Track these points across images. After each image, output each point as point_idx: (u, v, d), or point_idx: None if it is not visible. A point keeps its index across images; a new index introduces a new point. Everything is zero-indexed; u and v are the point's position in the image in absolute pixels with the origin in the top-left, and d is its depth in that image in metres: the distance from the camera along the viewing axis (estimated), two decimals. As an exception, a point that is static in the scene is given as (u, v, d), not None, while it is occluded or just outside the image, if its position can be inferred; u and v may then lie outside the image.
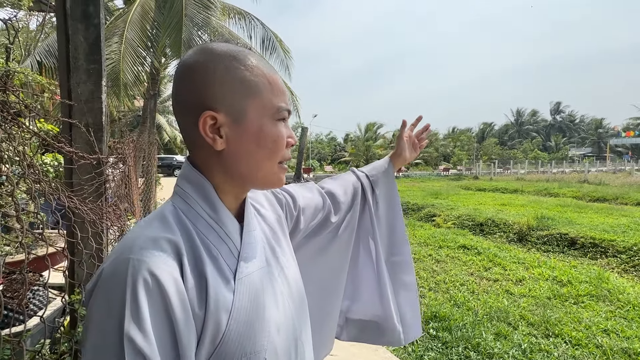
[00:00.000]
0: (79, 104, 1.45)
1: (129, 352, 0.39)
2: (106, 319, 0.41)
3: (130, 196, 4.01)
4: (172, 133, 27.68)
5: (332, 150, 51.26)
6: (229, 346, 0.49)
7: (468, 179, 24.59)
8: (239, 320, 0.50)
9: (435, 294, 3.82)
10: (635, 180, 17.75)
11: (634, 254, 5.20)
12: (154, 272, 0.43)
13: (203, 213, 0.53)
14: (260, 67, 0.55)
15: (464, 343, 2.74)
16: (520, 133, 70.60)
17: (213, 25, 6.57)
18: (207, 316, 0.47)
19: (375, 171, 1.03)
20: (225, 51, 0.53)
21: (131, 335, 0.40)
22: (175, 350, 0.43)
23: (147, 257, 0.43)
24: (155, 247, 0.45)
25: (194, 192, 0.54)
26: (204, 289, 0.48)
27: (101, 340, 0.41)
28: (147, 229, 0.48)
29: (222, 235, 0.54)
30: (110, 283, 0.43)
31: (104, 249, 1.36)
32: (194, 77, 0.51)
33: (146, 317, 0.41)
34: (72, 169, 1.36)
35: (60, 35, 1.48)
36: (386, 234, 1.03)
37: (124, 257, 0.44)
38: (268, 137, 0.54)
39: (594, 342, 2.80)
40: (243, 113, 0.52)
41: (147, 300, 0.42)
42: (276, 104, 0.55)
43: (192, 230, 0.51)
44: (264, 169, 0.55)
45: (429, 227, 7.55)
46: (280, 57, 9.38)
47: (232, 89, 0.51)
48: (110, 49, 5.89)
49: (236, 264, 0.53)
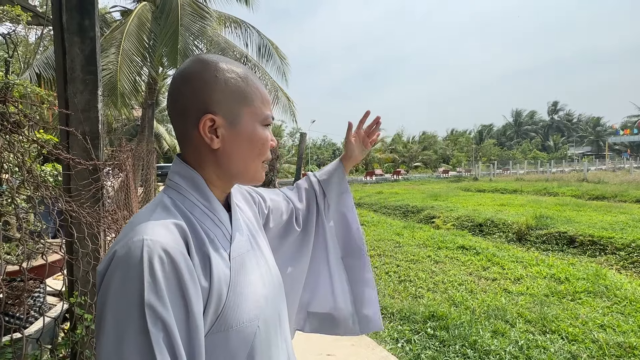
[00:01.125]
0: (76, 113, 1.50)
1: (150, 319, 0.45)
2: (126, 293, 0.46)
3: (129, 205, 4.05)
4: (171, 142, 27.78)
5: (331, 155, 51.39)
6: (228, 315, 0.56)
7: (467, 180, 24.63)
8: (236, 292, 0.58)
9: (433, 294, 3.84)
10: (634, 178, 17.78)
11: (632, 251, 5.23)
12: (167, 249, 0.49)
13: (198, 203, 0.60)
14: (253, 79, 0.64)
15: (461, 341, 2.77)
16: (519, 134, 70.77)
17: (209, 35, 6.66)
18: (211, 288, 0.54)
19: (326, 175, 1.08)
20: (223, 63, 0.61)
21: (152, 304, 0.45)
22: (187, 317, 0.49)
23: (160, 237, 0.49)
24: (165, 229, 0.52)
25: (187, 185, 0.61)
26: (208, 265, 0.55)
27: (122, 312, 0.45)
28: (153, 215, 0.54)
29: (216, 221, 0.61)
30: (127, 261, 0.47)
31: (100, 249, 1.40)
32: (195, 84, 0.59)
33: (163, 288, 0.46)
34: (69, 175, 1.41)
35: (57, 48, 1.54)
36: (341, 233, 1.07)
37: (137, 239, 0.49)
38: (258, 139, 0.63)
39: (590, 337, 2.82)
40: (238, 118, 0.61)
41: (162, 274, 0.47)
42: (264, 112, 0.64)
43: (190, 217, 0.58)
44: (252, 167, 0.64)
45: (429, 229, 7.58)
46: (276, 64, 9.49)
47: (230, 97, 0.60)
48: (108, 59, 5.97)
49: (229, 246, 0.61)
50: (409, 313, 3.30)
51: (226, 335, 0.56)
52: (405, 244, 6.11)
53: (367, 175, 29.67)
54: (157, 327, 0.45)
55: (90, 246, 1.36)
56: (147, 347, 0.44)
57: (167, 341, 0.46)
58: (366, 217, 9.03)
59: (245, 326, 0.57)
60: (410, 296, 3.81)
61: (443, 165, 44.34)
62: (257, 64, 8.99)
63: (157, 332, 0.45)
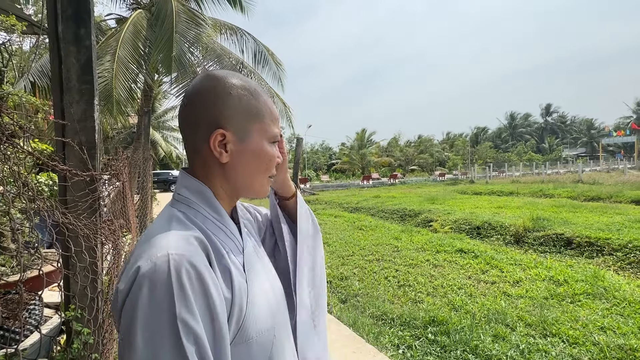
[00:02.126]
0: (72, 123, 1.48)
1: (183, 333, 0.45)
2: (156, 308, 0.46)
3: (126, 213, 4.02)
4: (167, 148, 27.70)
5: (328, 159, 51.45)
6: (249, 326, 0.57)
7: (464, 183, 24.73)
8: (254, 303, 0.59)
9: (433, 298, 3.83)
10: (628, 179, 17.94)
11: (629, 251, 5.25)
12: (194, 263, 0.49)
13: (210, 216, 0.61)
14: (264, 96, 0.65)
15: (462, 346, 2.75)
16: (514, 136, 71.34)
17: (204, 42, 6.67)
18: (233, 299, 0.55)
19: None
20: (234, 79, 0.63)
21: (184, 318, 0.46)
22: (214, 329, 0.50)
23: (184, 251, 0.50)
24: (187, 243, 0.52)
25: (197, 198, 0.62)
26: (229, 277, 0.56)
27: (154, 328, 0.45)
28: (171, 229, 0.54)
29: (228, 234, 0.63)
30: (155, 276, 0.47)
31: (97, 262, 1.38)
32: (208, 100, 0.60)
33: (192, 302, 0.47)
34: (65, 186, 1.39)
35: (53, 58, 1.53)
36: None
37: (162, 254, 0.49)
38: (265, 155, 0.65)
39: (591, 339, 2.82)
40: (248, 134, 0.62)
41: (191, 287, 0.48)
42: (273, 130, 0.66)
43: (206, 230, 0.59)
44: (258, 181, 0.66)
45: (427, 233, 7.58)
46: (272, 70, 9.50)
47: (241, 113, 0.61)
48: (103, 67, 5.95)
49: (242, 258, 0.63)
50: (409, 318, 3.29)
51: (248, 346, 0.57)
52: (403, 248, 6.10)
53: (363, 180, 29.71)
54: (190, 341, 0.46)
55: (88, 260, 1.34)
56: (192, 350, 0.45)
57: (199, 354, 0.46)
58: (364, 222, 9.02)
59: (264, 336, 0.59)
60: (410, 301, 3.79)
61: (439, 168, 44.53)
62: (253, 70, 9.01)
63: (190, 346, 0.46)
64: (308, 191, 20.91)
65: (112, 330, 1.66)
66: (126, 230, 4.12)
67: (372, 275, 4.75)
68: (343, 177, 40.00)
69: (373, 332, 3.09)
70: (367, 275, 4.76)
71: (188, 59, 6.37)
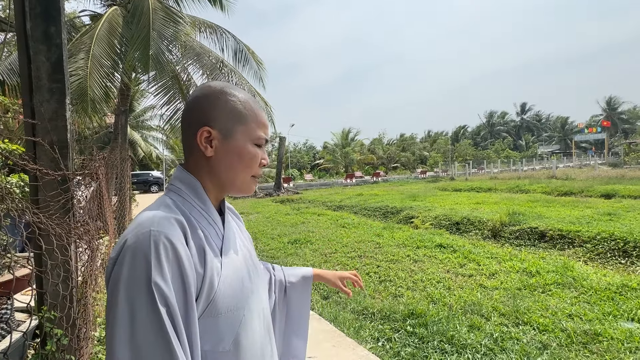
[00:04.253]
0: (42, 122, 1.46)
1: (157, 294, 0.54)
2: (136, 273, 0.55)
3: (103, 214, 3.93)
4: (147, 148, 27.04)
5: (311, 158, 51.44)
6: (218, 302, 0.65)
7: (444, 180, 25.24)
8: (225, 284, 0.67)
9: (412, 292, 3.93)
10: (598, 174, 18.76)
11: (597, 243, 5.51)
12: (171, 239, 0.59)
13: (195, 204, 0.70)
14: (252, 104, 0.74)
15: (439, 337, 2.84)
16: (492, 134, 73.21)
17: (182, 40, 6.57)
18: (205, 275, 0.63)
19: (294, 278, 1.07)
20: (227, 88, 0.73)
21: (158, 282, 0.55)
22: (185, 297, 0.58)
23: (163, 229, 0.59)
24: (168, 223, 0.61)
25: (187, 189, 0.71)
26: (203, 255, 0.64)
27: (133, 289, 0.55)
28: (157, 212, 0.64)
29: (210, 221, 0.71)
30: (137, 247, 0.57)
31: (70, 260, 1.36)
32: (201, 104, 0.71)
33: (166, 270, 0.56)
34: (37, 186, 1.37)
35: (21, 56, 1.50)
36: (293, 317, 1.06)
37: (145, 230, 0.58)
38: (246, 154, 0.72)
39: (560, 326, 2.96)
40: (231, 133, 0.71)
41: (166, 258, 0.57)
42: (257, 133, 0.74)
43: (189, 215, 0.68)
44: (240, 178, 0.73)
45: (408, 229, 7.72)
46: (253, 69, 9.45)
47: (227, 115, 0.71)
48: (77, 64, 5.78)
49: (221, 243, 0.71)
50: (389, 312, 3.36)
51: (215, 321, 0.64)
52: (385, 244, 6.20)
53: (347, 178, 29.89)
54: (162, 302, 0.54)
55: (60, 258, 1.32)
56: (155, 318, 0.54)
57: (169, 315, 0.55)
58: (347, 220, 9.10)
59: (232, 313, 0.66)
60: (391, 295, 3.87)
61: (421, 166, 45.25)
62: (233, 69, 8.93)
63: (162, 307, 0.54)
64: (292, 190, 20.88)
65: (86, 329, 1.64)
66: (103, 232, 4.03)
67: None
68: (327, 176, 40.10)
69: (354, 326, 3.15)
70: (349, 271, 4.82)
71: (166, 58, 6.27)
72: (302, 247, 6.33)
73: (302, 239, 6.87)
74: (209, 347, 0.64)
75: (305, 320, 1.07)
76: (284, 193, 19.24)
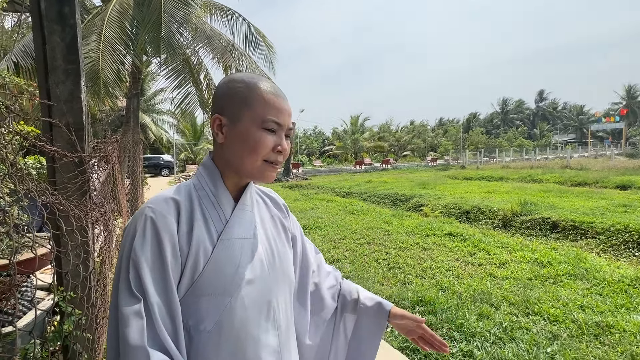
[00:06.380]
0: (58, 104, 1.46)
1: (133, 256, 0.64)
2: (126, 239, 0.67)
3: (116, 197, 3.99)
4: (158, 132, 27.24)
5: (321, 144, 51.26)
6: (202, 284, 0.69)
7: (455, 168, 24.95)
8: (214, 267, 0.70)
9: (421, 280, 3.93)
10: (614, 165, 18.31)
11: (611, 235, 5.42)
12: (157, 215, 0.67)
13: (207, 188, 0.76)
14: (261, 88, 0.74)
15: (448, 324, 2.85)
16: (505, 122, 71.75)
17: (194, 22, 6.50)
18: (189, 253, 0.68)
19: (370, 302, 1.01)
20: (237, 76, 0.77)
21: (136, 248, 0.64)
22: (162, 266, 0.65)
23: (157, 207, 0.68)
24: (165, 202, 0.70)
25: (206, 174, 0.77)
26: (191, 234, 0.69)
27: (122, 251, 0.67)
28: (164, 193, 0.73)
29: (215, 205, 0.75)
30: (132, 221, 0.68)
31: (89, 241, 1.39)
32: (216, 93, 0.78)
33: (148, 241, 0.65)
34: (54, 167, 1.38)
35: (36, 37, 1.49)
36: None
37: (144, 207, 0.69)
38: (252, 138, 0.73)
39: (570, 317, 2.94)
40: (238, 118, 0.73)
41: (150, 231, 0.66)
42: (265, 117, 0.73)
43: (195, 197, 0.74)
44: (248, 163, 0.74)
45: (417, 217, 7.69)
46: (263, 53, 9.33)
47: (234, 102, 0.74)
48: (89, 47, 5.79)
49: (223, 228, 0.73)
50: (398, 299, 3.38)
51: (197, 300, 0.68)
52: (394, 232, 6.20)
53: (356, 165, 29.77)
54: (138, 263, 0.63)
55: (80, 239, 1.34)
56: (134, 274, 0.63)
57: (137, 272, 0.63)
58: (355, 206, 9.10)
59: (215, 298, 0.69)
60: (399, 282, 3.89)
61: (431, 153, 44.74)
62: (244, 53, 8.83)
63: (136, 264, 0.64)
64: (300, 176, 20.90)
65: (105, 309, 1.68)
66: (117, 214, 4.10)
67: (362, 258, 4.84)
68: (336, 163, 40.01)
69: (363, 312, 3.17)
70: (357, 258, 4.84)
71: (177, 40, 6.22)
72: (311, 233, 6.36)
73: (310, 225, 6.90)
74: (192, 323, 0.68)
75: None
76: (293, 179, 19.30)
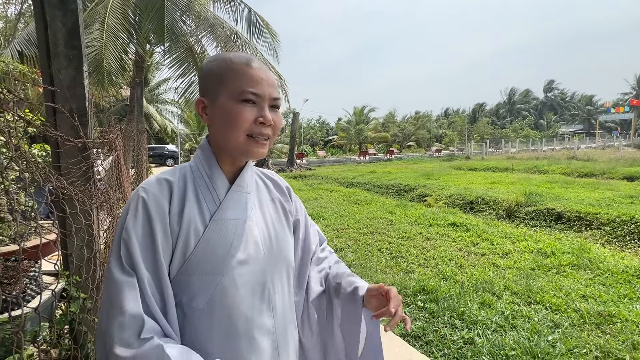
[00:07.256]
0: (61, 90, 1.47)
1: (124, 234, 0.67)
2: (122, 216, 0.69)
3: (121, 185, 4.02)
4: (162, 122, 27.28)
5: (325, 135, 51.06)
6: (193, 263, 0.70)
7: (460, 159, 24.79)
8: (205, 247, 0.71)
9: (424, 269, 3.95)
10: (622, 156, 18.08)
11: (616, 226, 5.38)
12: (148, 195, 0.69)
13: (202, 169, 0.77)
14: (234, 60, 0.73)
15: (449, 312, 2.87)
16: (511, 112, 70.87)
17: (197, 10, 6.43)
18: (180, 232, 0.70)
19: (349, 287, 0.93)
20: (214, 56, 0.77)
21: (127, 226, 0.67)
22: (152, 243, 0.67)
23: (150, 187, 0.71)
24: (158, 183, 0.72)
25: (201, 155, 0.78)
26: (182, 214, 0.71)
27: (118, 229, 0.69)
28: (161, 173, 0.75)
29: (209, 186, 0.76)
30: (129, 200, 0.70)
31: (93, 225, 1.41)
32: (199, 77, 0.79)
33: (139, 219, 0.67)
34: (59, 152, 1.40)
35: (38, 22, 1.49)
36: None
37: (138, 187, 0.71)
38: (228, 113, 0.72)
39: (572, 307, 2.95)
40: (216, 96, 0.73)
41: (141, 209, 0.68)
42: (240, 89, 0.71)
43: (189, 178, 0.75)
44: (231, 139, 0.73)
45: (421, 207, 7.68)
46: (267, 41, 9.26)
47: (210, 81, 0.74)
48: (92, 35, 5.76)
49: (216, 209, 0.74)
50: (401, 287, 3.40)
51: (189, 280, 0.70)
52: (397, 221, 6.20)
53: (360, 155, 29.68)
54: (128, 241, 0.66)
55: (84, 222, 1.36)
56: (125, 252, 0.66)
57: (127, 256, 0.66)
58: (359, 196, 9.11)
59: (206, 277, 0.70)
60: (402, 271, 3.91)
61: (436, 144, 44.44)
62: (247, 41, 8.75)
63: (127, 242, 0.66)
64: (304, 166, 20.89)
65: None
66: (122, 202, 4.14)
67: (365, 247, 4.86)
68: (340, 153, 39.92)
69: (365, 300, 3.20)
70: (361, 247, 4.86)
71: (180, 28, 6.18)
72: (315, 222, 6.39)
73: (314, 214, 6.93)
74: (185, 300, 0.70)
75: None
76: (297, 169, 19.29)
